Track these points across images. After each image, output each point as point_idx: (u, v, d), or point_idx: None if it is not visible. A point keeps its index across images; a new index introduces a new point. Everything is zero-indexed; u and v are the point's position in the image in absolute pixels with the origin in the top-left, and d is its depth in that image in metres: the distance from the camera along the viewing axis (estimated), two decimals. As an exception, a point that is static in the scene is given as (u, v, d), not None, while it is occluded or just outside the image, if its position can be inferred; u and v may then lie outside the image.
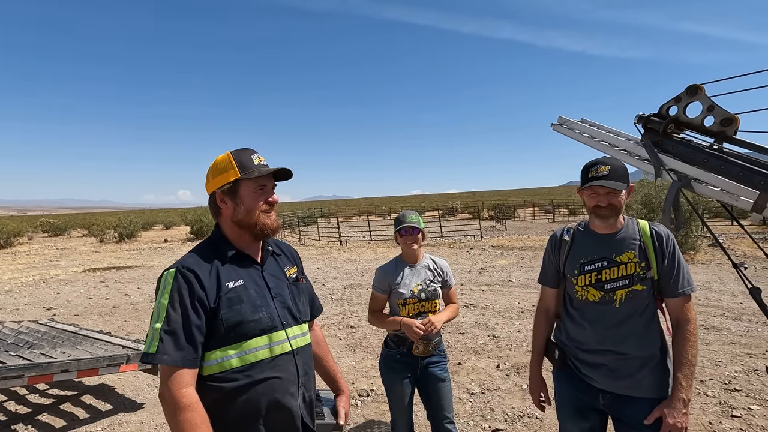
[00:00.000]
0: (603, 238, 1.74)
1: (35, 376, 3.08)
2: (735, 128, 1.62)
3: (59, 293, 9.61)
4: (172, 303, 1.22)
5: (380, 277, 2.41)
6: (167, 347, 1.18)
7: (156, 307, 1.24)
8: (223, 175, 1.36)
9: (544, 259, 1.95)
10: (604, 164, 1.67)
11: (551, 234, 1.95)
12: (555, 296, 1.93)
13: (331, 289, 8.96)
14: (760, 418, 3.28)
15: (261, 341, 1.31)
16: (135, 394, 4.22)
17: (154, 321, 1.23)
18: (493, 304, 7.19)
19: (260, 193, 1.38)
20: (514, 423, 3.40)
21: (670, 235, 1.70)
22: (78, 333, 4.29)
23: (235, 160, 1.36)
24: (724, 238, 13.29)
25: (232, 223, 1.39)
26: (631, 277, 1.66)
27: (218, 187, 1.37)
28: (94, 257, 17.36)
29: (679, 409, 1.56)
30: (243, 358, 1.28)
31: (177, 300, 1.22)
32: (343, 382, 1.68)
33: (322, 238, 21.95)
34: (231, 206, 1.38)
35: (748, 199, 1.40)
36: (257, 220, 1.37)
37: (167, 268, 1.29)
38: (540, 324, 1.97)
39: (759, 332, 5.22)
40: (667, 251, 1.66)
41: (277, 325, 1.35)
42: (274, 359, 1.33)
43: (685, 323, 1.64)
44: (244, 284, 1.33)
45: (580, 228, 1.85)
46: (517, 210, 36.58)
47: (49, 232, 34.72)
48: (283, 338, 1.36)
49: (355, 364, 4.84)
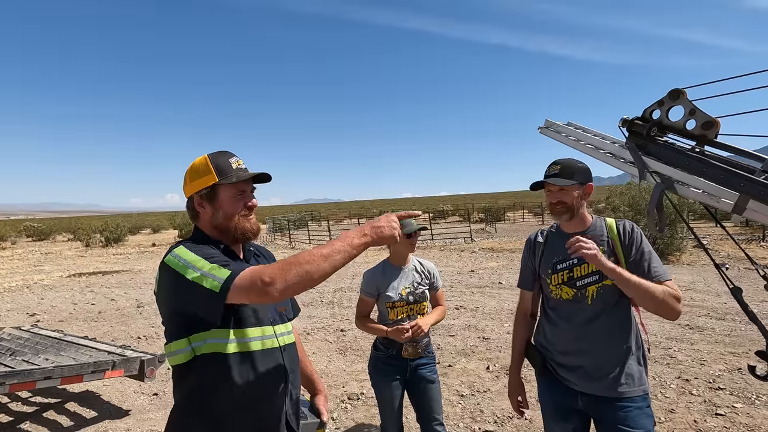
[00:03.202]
0: (572, 236, 1.79)
1: (17, 383, 3.01)
2: (716, 131, 1.65)
3: (43, 299, 9.42)
4: (200, 253, 1.19)
5: (368, 281, 2.40)
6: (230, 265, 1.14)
7: (184, 266, 1.17)
8: (200, 179, 1.33)
9: (522, 263, 2.00)
10: (557, 163, 1.77)
11: (527, 238, 2.00)
12: (534, 299, 1.97)
13: (322, 293, 8.92)
14: (743, 416, 3.34)
15: (255, 332, 1.31)
16: (121, 400, 4.15)
17: (195, 271, 1.14)
18: (483, 306, 7.22)
19: (239, 198, 1.35)
20: (504, 424, 3.41)
21: (635, 228, 1.77)
22: (62, 339, 4.20)
23: (213, 163, 1.33)
24: (708, 240, 13.54)
25: (211, 227, 1.37)
26: (601, 272, 1.70)
27: (196, 191, 1.34)
28: (80, 262, 17.05)
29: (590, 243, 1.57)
30: (239, 344, 1.27)
31: (202, 252, 1.20)
32: (320, 382, 1.71)
33: (313, 241, 21.85)
34: (209, 211, 1.35)
35: (729, 201, 1.42)
36: (237, 224, 1.34)
37: (167, 252, 1.25)
38: (519, 328, 2.00)
39: (742, 331, 5.31)
40: (634, 243, 1.72)
41: (264, 320, 1.35)
42: (264, 352, 1.32)
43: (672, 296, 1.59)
44: None
45: (552, 230, 1.92)
46: (507, 213, 36.83)
47: (34, 236, 34.05)
48: (271, 334, 1.36)
49: (345, 367, 4.82)
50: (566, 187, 1.72)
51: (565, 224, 1.84)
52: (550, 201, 1.77)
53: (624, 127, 1.91)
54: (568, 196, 1.74)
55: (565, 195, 1.74)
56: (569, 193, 1.74)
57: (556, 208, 1.77)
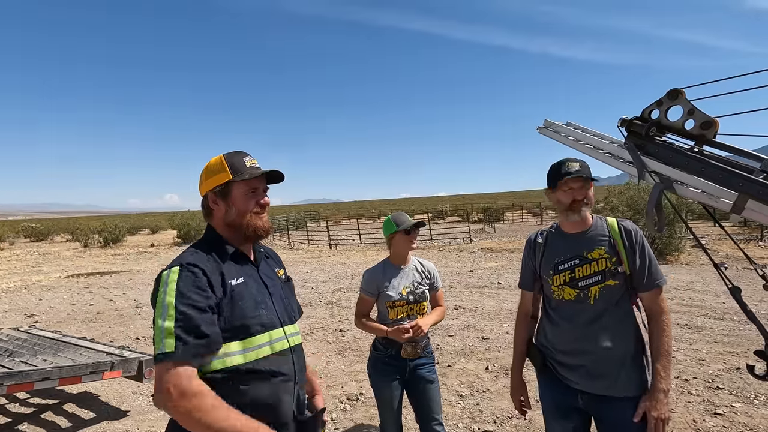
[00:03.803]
0: (573, 237, 1.81)
1: (15, 384, 3.00)
2: (714, 131, 1.65)
3: (41, 299, 9.39)
4: (181, 299, 1.19)
5: (369, 280, 2.40)
6: (186, 342, 1.14)
7: (161, 305, 1.19)
8: (215, 177, 1.39)
9: (522, 264, 2.00)
10: (573, 161, 1.77)
11: (527, 238, 2.00)
12: (534, 299, 1.97)
13: (321, 293, 8.91)
14: (742, 416, 3.35)
15: (263, 338, 1.32)
16: (119, 401, 4.13)
17: (161, 320, 1.17)
18: (482, 306, 7.22)
19: (251, 196, 1.39)
20: (503, 424, 3.41)
21: (638, 230, 1.77)
22: (60, 340, 4.19)
23: (228, 162, 1.39)
24: (706, 240, 13.57)
25: (224, 225, 1.40)
26: (603, 272, 1.71)
27: (210, 189, 1.39)
28: (78, 262, 17.01)
29: (661, 401, 1.60)
30: (246, 355, 1.27)
31: (186, 295, 1.19)
32: (317, 383, 1.72)
33: (312, 241, 21.84)
34: (223, 208, 1.40)
35: (728, 201, 1.42)
36: (249, 221, 1.38)
37: (168, 266, 1.26)
38: (520, 328, 2.00)
39: (741, 331, 5.32)
40: (637, 246, 1.73)
41: (276, 322, 1.36)
42: (274, 356, 1.33)
43: (659, 314, 1.70)
44: (245, 282, 1.34)
45: (552, 230, 1.91)
46: (506, 213, 36.87)
47: (32, 237, 33.96)
48: (281, 336, 1.37)
49: (345, 367, 4.81)
50: (593, 179, 1.75)
51: (566, 224, 1.83)
52: (575, 197, 1.74)
53: (623, 126, 1.92)
54: (590, 192, 1.76)
55: (588, 191, 1.76)
56: (590, 189, 1.76)
57: (578, 204, 1.75)
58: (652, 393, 1.63)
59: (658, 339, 1.67)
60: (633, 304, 1.77)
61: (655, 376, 1.64)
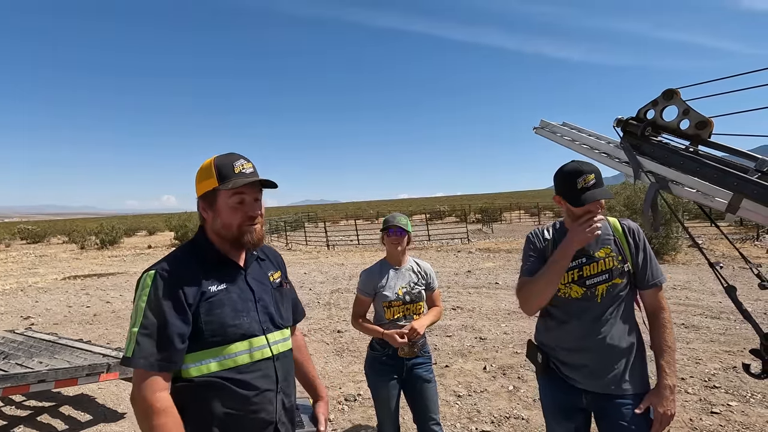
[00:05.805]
0: None
1: (10, 387, 2.98)
2: (709, 131, 1.66)
3: (38, 301, 9.34)
4: (150, 305, 1.19)
5: (365, 280, 2.41)
6: (144, 351, 1.16)
7: (134, 309, 1.21)
8: (204, 182, 1.31)
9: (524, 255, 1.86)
10: (589, 172, 1.64)
11: (528, 234, 1.90)
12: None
13: (318, 294, 8.90)
14: (738, 414, 3.36)
15: (241, 346, 1.28)
16: (116, 403, 4.12)
17: (132, 324, 1.20)
18: (479, 306, 7.23)
19: (238, 207, 1.29)
20: (501, 424, 3.41)
21: (639, 229, 1.78)
22: (56, 342, 4.17)
23: (216, 167, 1.29)
24: (703, 239, 13.62)
25: (212, 232, 1.35)
26: (610, 271, 1.71)
27: (200, 194, 1.33)
28: (75, 264, 16.94)
29: (667, 397, 1.61)
30: (222, 362, 1.25)
31: (155, 302, 1.19)
32: (323, 388, 1.65)
33: (310, 242, 21.81)
34: (210, 216, 1.33)
35: (723, 200, 1.43)
36: (236, 232, 1.31)
37: (146, 270, 1.26)
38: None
39: (737, 330, 5.35)
40: (640, 244, 1.74)
41: (256, 331, 1.32)
42: (253, 364, 1.30)
43: (660, 312, 1.72)
44: (227, 288, 1.30)
45: (557, 228, 1.87)
46: (504, 213, 36.93)
47: (28, 238, 33.79)
48: (263, 344, 1.33)
49: (342, 368, 4.81)
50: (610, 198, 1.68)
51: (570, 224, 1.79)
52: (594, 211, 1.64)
53: (618, 127, 1.92)
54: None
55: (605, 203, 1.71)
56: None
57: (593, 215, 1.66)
58: (658, 389, 1.63)
59: (660, 336, 1.68)
60: (634, 301, 1.78)
61: (660, 372, 1.64)
